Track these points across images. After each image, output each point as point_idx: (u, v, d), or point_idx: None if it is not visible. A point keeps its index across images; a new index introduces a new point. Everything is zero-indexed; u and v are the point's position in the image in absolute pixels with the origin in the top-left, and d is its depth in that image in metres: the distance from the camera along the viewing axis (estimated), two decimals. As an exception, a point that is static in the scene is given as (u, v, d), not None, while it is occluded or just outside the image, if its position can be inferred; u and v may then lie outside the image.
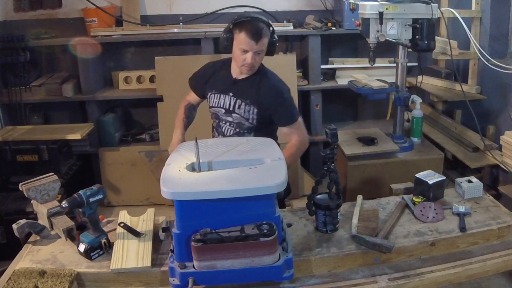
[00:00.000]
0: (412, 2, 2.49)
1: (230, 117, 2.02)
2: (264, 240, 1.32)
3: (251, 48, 1.88)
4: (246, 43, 1.87)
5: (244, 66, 1.94)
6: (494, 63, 2.71)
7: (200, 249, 1.31)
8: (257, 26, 1.89)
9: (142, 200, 3.59)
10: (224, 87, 2.04)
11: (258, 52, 1.90)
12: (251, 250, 1.32)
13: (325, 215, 1.60)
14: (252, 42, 1.87)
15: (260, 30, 1.88)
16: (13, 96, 3.46)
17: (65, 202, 1.48)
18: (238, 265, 1.34)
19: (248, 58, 1.90)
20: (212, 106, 2.08)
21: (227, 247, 1.32)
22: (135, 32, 3.54)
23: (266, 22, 1.94)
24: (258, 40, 1.87)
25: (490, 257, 1.57)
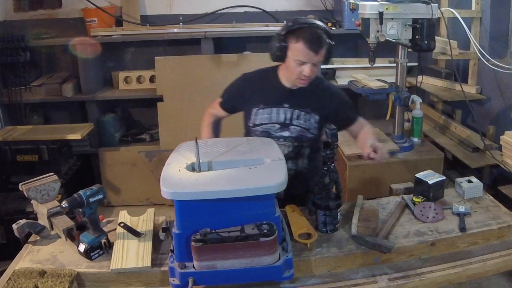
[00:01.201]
0: (412, 2, 2.49)
1: (287, 131, 1.82)
2: (264, 240, 1.31)
3: (310, 60, 1.68)
4: (305, 54, 1.67)
5: (301, 79, 1.74)
6: (494, 63, 2.71)
7: (200, 249, 1.31)
8: (316, 34, 1.68)
9: (142, 200, 3.59)
10: (277, 99, 1.83)
11: (317, 64, 1.72)
12: (251, 250, 1.32)
13: (325, 215, 1.60)
14: (311, 54, 1.67)
15: (319, 39, 1.68)
16: (13, 96, 3.46)
17: (65, 202, 1.48)
18: (238, 265, 1.34)
19: (307, 70, 1.70)
20: (260, 124, 1.84)
21: (227, 247, 1.31)
22: (135, 32, 3.54)
23: (324, 28, 1.73)
24: (318, 50, 1.67)
25: (490, 257, 1.57)
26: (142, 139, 3.66)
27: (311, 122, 1.83)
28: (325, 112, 1.83)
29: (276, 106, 1.83)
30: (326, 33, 1.73)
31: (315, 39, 1.68)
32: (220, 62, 3.38)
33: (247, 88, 1.91)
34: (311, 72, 1.72)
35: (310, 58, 1.69)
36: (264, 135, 1.85)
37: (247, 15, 3.70)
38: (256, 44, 3.70)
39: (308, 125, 1.83)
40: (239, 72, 2.03)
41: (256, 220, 1.36)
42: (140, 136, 3.68)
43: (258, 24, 3.55)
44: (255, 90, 1.88)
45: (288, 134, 1.83)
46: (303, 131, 1.83)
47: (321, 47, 1.68)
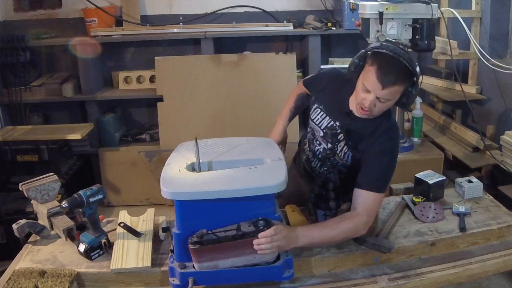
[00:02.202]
0: (412, 2, 2.48)
1: (325, 144, 1.70)
2: None
3: (374, 91, 1.47)
4: (371, 82, 1.47)
5: (360, 107, 1.55)
6: (494, 63, 2.71)
7: (198, 251, 1.31)
8: (393, 67, 1.46)
9: (142, 200, 3.59)
10: (334, 111, 1.68)
11: (382, 100, 1.49)
12: (250, 247, 1.32)
13: (325, 215, 1.60)
14: (377, 85, 1.46)
15: (394, 75, 1.45)
16: (13, 96, 3.46)
17: (65, 202, 1.48)
18: (239, 262, 1.34)
19: (368, 101, 1.50)
20: (313, 121, 1.75)
21: (225, 246, 1.31)
22: (135, 32, 3.54)
23: (410, 66, 1.48)
24: (386, 86, 1.45)
25: (490, 257, 1.57)
26: (142, 139, 3.65)
27: (345, 156, 1.64)
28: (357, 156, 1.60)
29: (330, 117, 1.69)
30: (409, 73, 1.48)
31: (388, 72, 1.45)
32: (220, 62, 3.38)
33: (324, 83, 1.79)
34: (371, 104, 1.50)
35: (375, 89, 1.47)
36: (311, 131, 1.78)
37: (247, 15, 3.69)
38: (256, 44, 3.70)
39: (341, 155, 1.64)
40: (239, 72, 2.02)
41: (256, 220, 1.36)
42: (140, 136, 3.67)
43: (258, 24, 3.55)
44: (327, 89, 1.76)
45: (325, 147, 1.69)
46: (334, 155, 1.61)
47: (390, 82, 1.45)
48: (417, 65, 1.55)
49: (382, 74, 1.45)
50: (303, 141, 1.91)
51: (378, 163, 1.53)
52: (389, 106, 1.54)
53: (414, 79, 1.52)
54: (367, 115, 1.56)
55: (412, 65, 1.49)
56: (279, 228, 1.33)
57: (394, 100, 1.52)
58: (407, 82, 1.50)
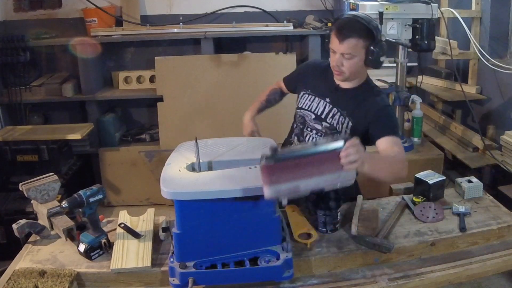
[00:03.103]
0: (412, 2, 2.49)
1: (319, 125, 1.78)
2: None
3: (336, 49, 1.64)
4: (332, 41, 1.65)
5: (335, 72, 1.71)
6: (494, 63, 2.71)
7: (273, 169, 1.16)
8: (346, 24, 1.63)
9: (142, 200, 3.59)
10: (322, 91, 1.80)
11: (345, 55, 1.63)
12: (334, 161, 1.20)
13: (325, 215, 1.60)
14: (336, 41, 1.62)
15: (347, 29, 1.61)
16: (13, 96, 3.46)
17: (65, 202, 1.48)
18: (323, 183, 1.24)
19: (333, 59, 1.67)
20: (301, 108, 1.84)
21: (306, 162, 1.18)
22: (135, 32, 3.54)
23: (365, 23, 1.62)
24: (342, 40, 1.60)
25: (490, 257, 1.57)
26: (142, 139, 3.66)
27: (344, 126, 1.73)
28: (359, 122, 1.70)
29: (319, 97, 1.80)
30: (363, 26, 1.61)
31: (342, 28, 1.61)
32: (220, 62, 3.38)
33: (308, 71, 1.90)
34: (338, 62, 1.65)
35: (336, 45, 1.63)
36: (301, 120, 1.84)
37: (247, 15, 3.70)
38: (256, 44, 3.70)
39: (339, 127, 1.74)
40: (239, 72, 2.03)
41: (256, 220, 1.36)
42: (140, 136, 3.68)
43: (258, 24, 3.55)
44: (311, 76, 1.87)
45: (319, 128, 1.79)
46: (333, 131, 1.74)
47: (346, 37, 1.59)
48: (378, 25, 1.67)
49: (339, 30, 1.62)
50: (288, 141, 1.93)
51: (384, 114, 1.69)
52: (356, 63, 1.65)
53: (376, 37, 1.62)
54: (340, 76, 1.70)
55: (369, 23, 1.62)
56: (355, 143, 1.28)
57: (359, 56, 1.64)
58: (365, 38, 1.62)
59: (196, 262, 1.36)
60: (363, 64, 1.67)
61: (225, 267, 1.37)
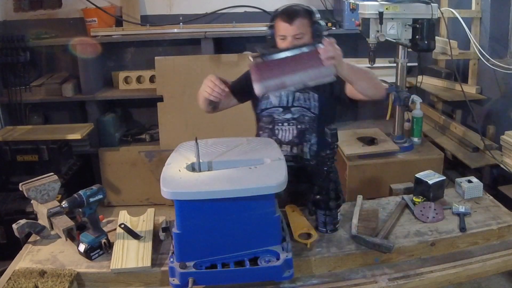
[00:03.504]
0: (412, 2, 2.49)
1: (289, 113, 1.89)
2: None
3: (287, 32, 1.76)
4: (282, 28, 1.77)
5: None
6: (494, 63, 2.71)
7: (261, 67, 1.33)
8: (290, 9, 1.81)
9: (142, 200, 3.60)
10: None
11: (296, 36, 1.76)
12: (315, 58, 1.37)
13: (325, 215, 1.60)
14: (286, 25, 1.75)
15: (293, 12, 1.78)
16: (13, 96, 3.46)
17: (65, 202, 1.48)
18: (306, 78, 1.43)
19: (287, 43, 1.76)
20: (266, 108, 1.92)
21: (289, 60, 1.36)
22: (135, 32, 3.54)
23: (304, 6, 1.83)
24: (292, 21, 1.75)
25: (490, 257, 1.57)
26: (142, 139, 3.66)
27: (311, 101, 1.87)
28: (322, 88, 1.82)
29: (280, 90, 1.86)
30: (305, 10, 1.81)
31: (289, 11, 1.79)
32: (220, 62, 3.38)
33: None
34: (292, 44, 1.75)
35: (287, 30, 1.76)
36: (268, 120, 1.91)
37: (247, 15, 3.70)
38: (256, 44, 3.69)
39: (308, 104, 1.87)
40: (239, 72, 2.03)
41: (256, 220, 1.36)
42: (140, 136, 3.68)
43: (258, 24, 3.55)
44: None
45: (290, 116, 1.88)
46: (304, 111, 1.87)
47: (294, 17, 1.76)
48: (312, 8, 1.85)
49: (284, 16, 1.76)
50: None
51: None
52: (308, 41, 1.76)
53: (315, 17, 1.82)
54: None
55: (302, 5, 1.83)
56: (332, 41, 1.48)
57: (307, 35, 1.78)
58: (308, 18, 1.80)
59: (196, 262, 1.36)
60: None
61: (225, 267, 1.37)
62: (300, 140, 1.89)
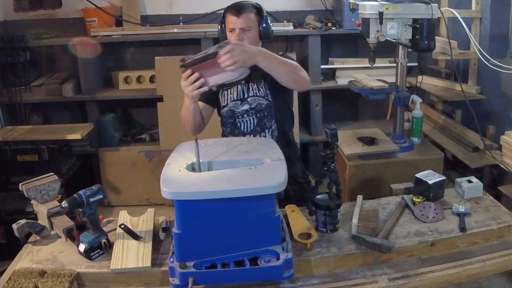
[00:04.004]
0: (412, 2, 2.48)
1: (247, 104, 1.97)
2: None
3: (235, 25, 1.88)
4: (230, 20, 1.89)
5: None
6: (494, 63, 2.71)
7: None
8: (238, 3, 1.92)
9: (142, 200, 3.60)
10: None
11: (244, 29, 1.88)
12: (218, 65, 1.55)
13: (325, 215, 1.60)
14: (234, 18, 1.87)
15: (240, 5, 1.89)
16: (13, 96, 3.46)
17: (65, 202, 1.48)
18: (223, 79, 1.64)
19: (235, 35, 1.88)
20: (227, 104, 2.00)
21: (203, 67, 1.59)
22: (135, 32, 3.54)
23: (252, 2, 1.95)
24: (239, 14, 1.87)
25: (490, 257, 1.57)
26: (142, 139, 3.66)
27: (264, 88, 1.96)
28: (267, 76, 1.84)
29: (235, 84, 1.97)
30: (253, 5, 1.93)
31: (236, 6, 1.91)
32: (220, 62, 3.38)
33: None
34: (239, 36, 1.87)
35: (235, 22, 1.87)
36: (229, 114, 2.00)
37: (247, 15, 3.69)
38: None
39: (262, 92, 1.96)
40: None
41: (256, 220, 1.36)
42: (140, 136, 3.68)
43: (258, 24, 3.55)
44: None
45: (248, 106, 1.97)
46: (260, 99, 1.96)
47: (241, 11, 1.87)
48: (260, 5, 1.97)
49: (234, 9, 1.88)
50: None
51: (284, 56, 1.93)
52: (253, 35, 1.90)
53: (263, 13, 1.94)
54: None
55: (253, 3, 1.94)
56: (237, 43, 1.59)
57: (254, 28, 1.90)
58: (256, 13, 1.91)
59: (196, 262, 1.36)
60: (258, 36, 1.93)
61: (225, 267, 1.37)
62: (262, 128, 1.99)
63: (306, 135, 3.77)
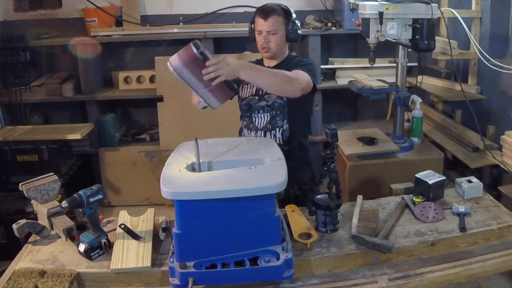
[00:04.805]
0: (412, 2, 2.48)
1: (264, 100, 2.00)
2: None
3: (262, 27, 1.92)
4: (258, 23, 1.94)
5: (262, 48, 1.97)
6: (494, 63, 2.71)
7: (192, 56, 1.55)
8: (267, 6, 1.96)
9: (142, 200, 3.59)
10: None
11: (270, 32, 1.92)
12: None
13: (325, 215, 1.60)
14: (261, 21, 1.92)
15: (269, 9, 1.93)
16: (13, 96, 3.46)
17: (65, 202, 1.48)
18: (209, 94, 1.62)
19: (262, 38, 1.93)
20: (245, 97, 2.04)
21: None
22: (135, 32, 3.54)
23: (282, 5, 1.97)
24: (266, 17, 1.91)
25: (490, 257, 1.57)
26: (142, 139, 3.66)
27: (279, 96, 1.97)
28: None
29: None
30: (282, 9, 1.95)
31: (265, 9, 1.94)
32: (220, 62, 3.38)
33: None
34: (265, 39, 1.93)
35: (262, 25, 1.92)
36: (246, 107, 2.04)
37: (247, 15, 3.69)
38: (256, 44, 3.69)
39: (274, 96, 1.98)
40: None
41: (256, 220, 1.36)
42: (140, 136, 3.68)
43: (258, 24, 3.55)
44: None
45: (265, 103, 1.99)
46: (276, 98, 1.98)
47: (269, 14, 1.91)
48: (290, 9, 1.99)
49: (262, 12, 1.92)
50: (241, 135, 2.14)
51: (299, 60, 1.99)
52: (280, 38, 1.94)
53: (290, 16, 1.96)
54: (268, 51, 1.97)
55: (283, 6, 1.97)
56: (221, 57, 1.58)
57: (281, 31, 1.94)
58: (284, 16, 1.94)
59: (196, 262, 1.36)
60: (285, 39, 1.97)
61: (225, 267, 1.37)
62: (273, 126, 2.00)
63: (306, 135, 3.77)
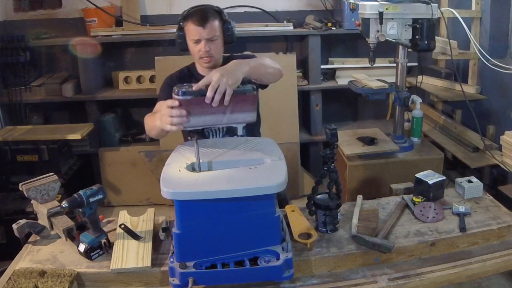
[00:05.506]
0: (412, 2, 2.48)
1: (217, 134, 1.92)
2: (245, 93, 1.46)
3: (201, 36, 1.78)
4: (195, 31, 1.78)
5: (202, 58, 1.83)
6: (494, 63, 2.71)
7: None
8: (201, 11, 1.80)
9: (142, 200, 3.59)
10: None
11: (210, 39, 1.79)
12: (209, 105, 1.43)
13: (325, 215, 1.60)
14: (198, 28, 1.77)
15: (204, 14, 1.79)
16: (13, 96, 3.46)
17: (65, 202, 1.48)
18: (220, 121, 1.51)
19: (202, 47, 1.79)
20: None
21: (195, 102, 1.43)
22: (135, 32, 3.54)
23: (211, 6, 1.85)
24: (205, 24, 1.77)
25: (490, 257, 1.57)
26: (142, 139, 3.66)
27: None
28: None
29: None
30: (215, 11, 1.83)
31: (200, 15, 1.79)
32: (220, 62, 3.38)
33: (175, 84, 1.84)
34: (206, 47, 1.80)
35: (200, 33, 1.78)
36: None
37: (247, 15, 3.70)
38: (256, 44, 3.70)
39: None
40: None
41: (256, 220, 1.36)
42: (140, 136, 3.68)
43: (258, 24, 3.55)
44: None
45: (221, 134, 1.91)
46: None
47: (206, 21, 1.77)
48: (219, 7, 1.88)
49: (196, 20, 1.77)
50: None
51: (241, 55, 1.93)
52: (220, 44, 1.84)
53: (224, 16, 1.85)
54: (210, 61, 1.84)
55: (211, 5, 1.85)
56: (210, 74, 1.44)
57: (220, 36, 1.83)
58: (219, 18, 1.83)
59: (196, 262, 1.36)
60: (223, 43, 1.87)
61: (225, 267, 1.37)
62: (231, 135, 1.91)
63: (306, 135, 3.77)
